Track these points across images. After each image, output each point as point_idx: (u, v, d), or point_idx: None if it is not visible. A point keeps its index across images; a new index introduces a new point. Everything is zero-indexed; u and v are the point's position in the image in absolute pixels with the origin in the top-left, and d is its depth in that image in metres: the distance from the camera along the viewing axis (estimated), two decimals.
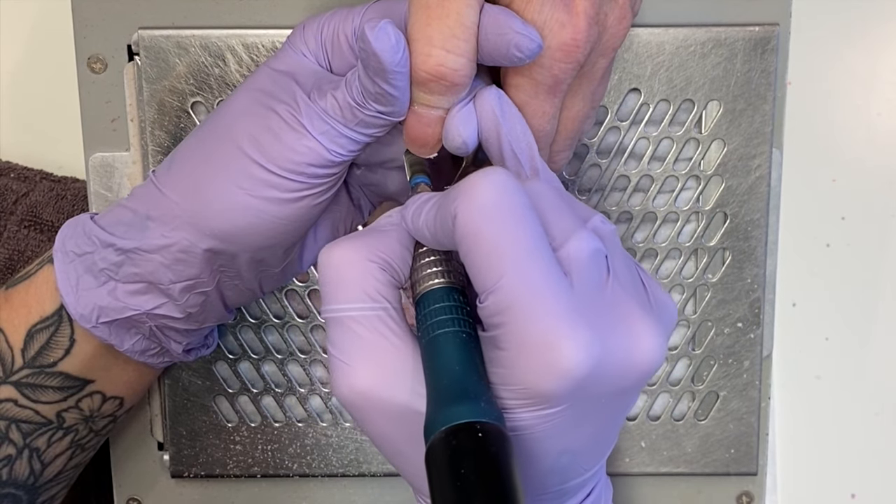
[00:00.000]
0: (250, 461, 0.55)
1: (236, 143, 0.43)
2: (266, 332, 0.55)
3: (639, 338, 0.36)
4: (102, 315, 0.46)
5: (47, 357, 0.47)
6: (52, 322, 0.47)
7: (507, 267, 0.34)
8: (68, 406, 0.48)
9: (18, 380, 0.47)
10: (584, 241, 0.36)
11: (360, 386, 0.37)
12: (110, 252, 0.45)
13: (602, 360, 0.35)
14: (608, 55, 0.42)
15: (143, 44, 0.51)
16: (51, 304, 0.47)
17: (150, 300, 0.46)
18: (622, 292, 0.37)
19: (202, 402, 0.55)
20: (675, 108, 0.52)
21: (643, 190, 0.54)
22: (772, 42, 0.52)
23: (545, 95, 0.41)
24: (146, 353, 0.48)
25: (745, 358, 0.55)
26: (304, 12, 0.52)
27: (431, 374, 0.36)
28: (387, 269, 0.38)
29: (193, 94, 0.52)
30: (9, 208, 0.57)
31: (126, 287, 0.46)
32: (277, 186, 0.43)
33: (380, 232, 0.39)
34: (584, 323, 0.34)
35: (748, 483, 0.57)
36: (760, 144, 0.53)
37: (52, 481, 0.50)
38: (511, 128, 0.41)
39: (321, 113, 0.42)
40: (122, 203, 0.46)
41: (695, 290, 0.55)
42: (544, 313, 0.34)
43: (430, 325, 0.37)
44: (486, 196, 0.35)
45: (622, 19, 0.42)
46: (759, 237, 0.54)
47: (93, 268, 0.46)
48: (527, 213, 0.35)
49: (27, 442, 0.48)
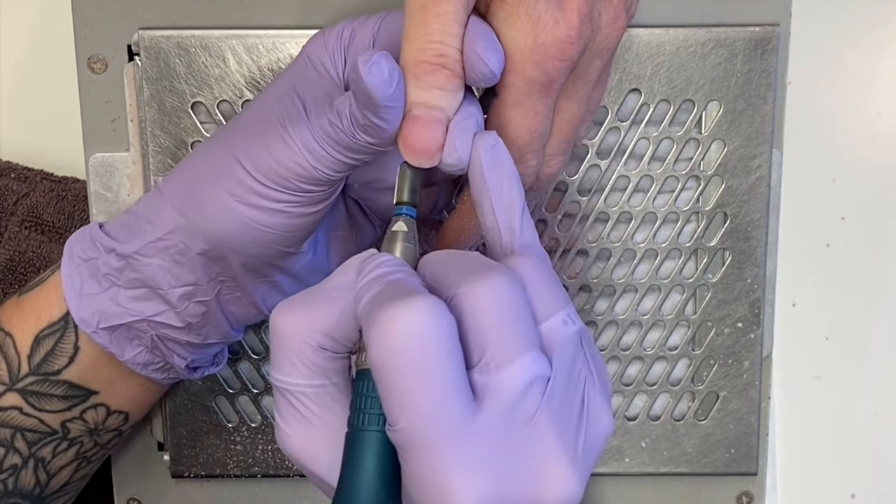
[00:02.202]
0: (250, 461, 0.55)
1: (232, 151, 0.43)
2: (266, 333, 0.55)
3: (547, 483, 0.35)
4: (103, 320, 0.46)
5: (52, 364, 0.47)
6: (59, 328, 0.47)
7: (409, 409, 0.34)
8: (73, 416, 0.48)
9: (24, 387, 0.47)
10: (519, 373, 0.35)
11: (290, 449, 0.39)
12: (112, 257, 0.46)
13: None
14: (603, 56, 0.42)
15: (143, 44, 0.51)
16: (59, 310, 0.47)
17: (150, 306, 0.46)
18: (546, 427, 0.36)
19: (202, 402, 0.55)
20: (675, 108, 0.52)
21: (643, 190, 0.54)
22: (772, 42, 0.52)
23: (538, 94, 0.41)
24: (149, 367, 0.48)
25: (745, 358, 0.55)
26: (305, 12, 0.52)
27: (347, 470, 0.37)
28: (329, 345, 0.38)
29: (193, 95, 0.52)
30: (9, 209, 0.57)
31: (127, 292, 0.46)
32: (264, 196, 0.43)
33: (329, 299, 0.39)
34: (481, 469, 0.34)
35: (748, 483, 0.57)
36: (760, 145, 0.53)
37: (57, 492, 0.50)
38: (497, 182, 0.40)
39: (312, 131, 0.42)
40: (129, 209, 0.47)
41: (695, 290, 0.55)
42: (440, 461, 0.34)
43: (358, 412, 0.37)
44: (399, 334, 0.34)
45: (616, 19, 0.42)
46: (759, 237, 0.54)
47: (96, 273, 0.46)
48: (442, 353, 0.34)
49: (32, 451, 0.48)
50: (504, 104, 0.42)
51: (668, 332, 0.55)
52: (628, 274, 0.54)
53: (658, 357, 0.55)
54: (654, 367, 0.55)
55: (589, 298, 0.54)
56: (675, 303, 0.55)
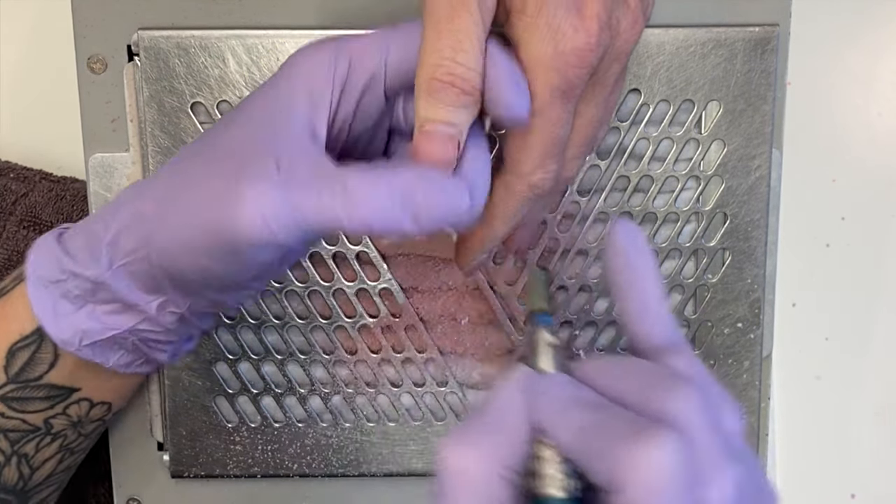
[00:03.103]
0: (250, 461, 0.55)
1: (200, 189, 0.41)
2: (266, 333, 0.55)
3: None
4: (85, 338, 0.46)
5: (32, 371, 0.47)
6: (33, 340, 0.46)
7: None
8: (56, 413, 0.48)
9: (4, 394, 0.47)
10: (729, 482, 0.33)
11: None
12: (81, 280, 0.45)
13: None
14: (621, 60, 0.42)
15: (142, 44, 0.51)
16: (30, 325, 0.46)
17: (129, 319, 0.45)
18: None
19: (202, 402, 0.55)
20: (674, 108, 0.52)
21: (643, 190, 0.54)
22: (772, 42, 0.52)
23: (560, 101, 0.41)
24: (132, 365, 0.48)
25: (744, 358, 0.55)
26: (304, 13, 0.52)
27: None
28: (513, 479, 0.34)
29: (193, 95, 0.52)
30: (8, 209, 0.57)
31: (104, 308, 0.45)
32: (239, 251, 0.40)
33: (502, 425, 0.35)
34: None
35: None
36: (760, 145, 0.53)
37: (41, 485, 0.50)
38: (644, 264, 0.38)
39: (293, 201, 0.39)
40: (90, 222, 0.45)
41: (695, 290, 0.55)
42: None
43: None
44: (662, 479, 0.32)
45: (634, 24, 0.42)
46: (759, 237, 0.54)
47: (68, 294, 0.45)
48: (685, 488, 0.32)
49: (15, 449, 0.48)
50: None
51: None
52: None
53: None
54: None
55: (589, 298, 0.54)
56: (675, 303, 0.55)
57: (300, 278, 0.54)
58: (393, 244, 0.54)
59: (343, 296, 0.54)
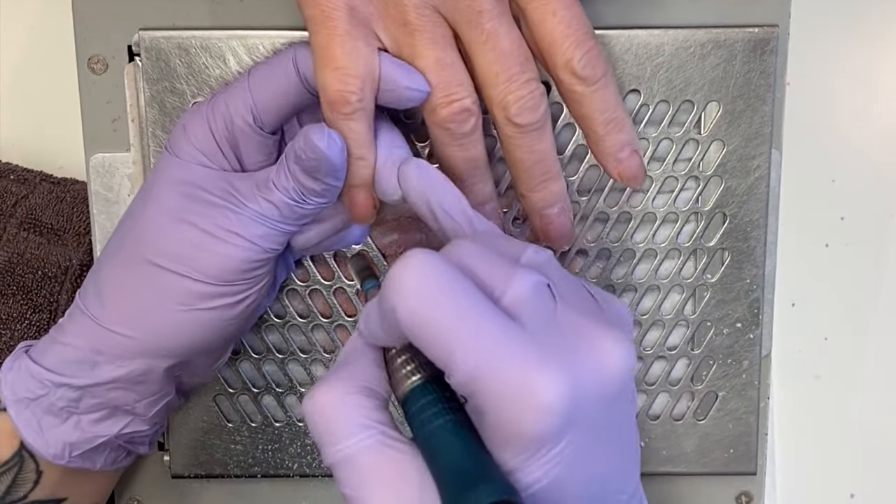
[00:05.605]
0: (251, 461, 0.55)
1: (161, 265, 0.45)
2: (267, 332, 0.55)
3: (603, 350, 0.36)
4: (74, 450, 0.47)
5: (17, 493, 0.47)
6: (14, 464, 0.47)
7: (454, 342, 0.35)
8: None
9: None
10: (522, 280, 0.36)
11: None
12: (66, 390, 0.46)
13: (577, 384, 0.35)
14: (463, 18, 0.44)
15: (143, 44, 0.51)
16: (8, 450, 0.47)
17: (116, 423, 0.47)
18: (574, 313, 0.37)
19: (202, 402, 0.55)
20: (674, 108, 0.53)
21: (643, 190, 0.54)
22: (771, 43, 0.52)
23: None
24: (117, 461, 0.49)
25: (744, 358, 0.55)
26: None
27: (435, 471, 0.37)
28: (368, 394, 0.38)
29: (194, 95, 0.52)
30: (8, 210, 0.57)
31: (90, 416, 0.47)
32: (220, 294, 0.45)
33: (348, 363, 0.40)
34: (547, 356, 0.35)
35: (747, 483, 0.57)
36: (760, 145, 0.53)
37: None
38: (440, 197, 0.43)
39: (256, 217, 0.45)
40: (58, 340, 0.47)
41: (694, 290, 0.55)
42: (506, 366, 0.34)
43: (419, 423, 0.38)
44: (412, 283, 0.35)
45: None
46: (758, 237, 0.54)
47: (52, 408, 0.46)
48: (455, 283, 0.36)
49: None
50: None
51: (668, 331, 0.55)
52: (627, 274, 0.54)
53: (657, 357, 0.55)
54: (654, 367, 0.56)
55: None
56: (675, 303, 0.55)
57: (301, 277, 0.54)
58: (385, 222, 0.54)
59: (344, 294, 0.54)
